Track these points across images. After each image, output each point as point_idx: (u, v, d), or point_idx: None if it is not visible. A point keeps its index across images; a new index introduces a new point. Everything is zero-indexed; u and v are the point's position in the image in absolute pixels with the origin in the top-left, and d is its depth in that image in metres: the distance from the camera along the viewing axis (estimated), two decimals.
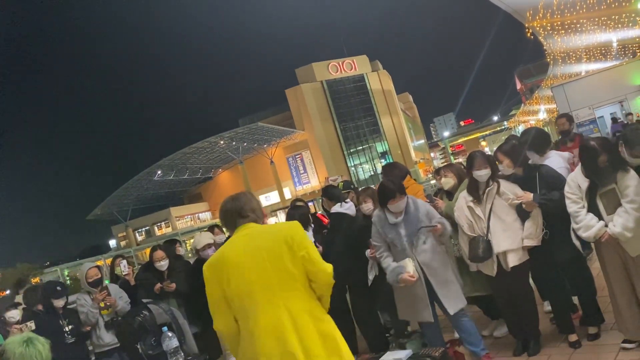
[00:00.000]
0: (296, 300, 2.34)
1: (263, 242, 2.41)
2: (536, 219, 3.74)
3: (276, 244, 2.38)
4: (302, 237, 2.42)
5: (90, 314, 4.54)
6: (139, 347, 3.77)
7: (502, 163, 3.99)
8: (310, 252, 2.37)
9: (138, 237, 56.90)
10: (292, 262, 2.35)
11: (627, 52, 19.13)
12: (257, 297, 2.34)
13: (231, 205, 2.55)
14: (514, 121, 62.90)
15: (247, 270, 2.37)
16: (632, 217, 3.26)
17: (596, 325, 3.83)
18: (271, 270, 2.34)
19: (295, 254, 2.35)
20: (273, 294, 2.33)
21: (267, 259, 2.36)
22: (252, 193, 2.73)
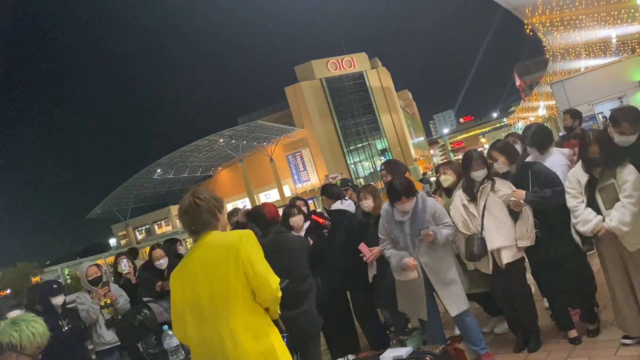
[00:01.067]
0: (238, 317, 2.30)
1: (214, 255, 2.38)
2: (526, 220, 3.75)
3: (224, 258, 2.34)
4: (249, 251, 2.34)
5: (91, 310, 4.56)
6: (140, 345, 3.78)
7: (498, 161, 3.99)
8: (255, 267, 2.31)
9: (138, 235, 56.95)
10: (236, 277, 2.31)
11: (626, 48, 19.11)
12: (203, 311, 2.33)
13: (183, 219, 2.51)
14: (514, 118, 62.92)
15: (199, 283, 2.36)
16: (628, 212, 3.27)
17: (594, 322, 3.83)
18: (217, 285, 2.32)
19: (239, 270, 2.30)
20: (217, 310, 2.31)
21: (214, 273, 2.33)
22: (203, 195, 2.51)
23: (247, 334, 2.28)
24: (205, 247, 2.42)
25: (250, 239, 2.40)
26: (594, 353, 3.58)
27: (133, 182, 50.66)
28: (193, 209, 2.47)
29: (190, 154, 49.94)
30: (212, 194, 2.55)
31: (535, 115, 47.25)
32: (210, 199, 2.50)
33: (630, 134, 3.46)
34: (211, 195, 2.53)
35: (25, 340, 2.34)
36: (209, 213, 2.47)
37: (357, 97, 58.99)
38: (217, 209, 2.50)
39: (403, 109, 69.41)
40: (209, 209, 2.47)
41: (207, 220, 2.46)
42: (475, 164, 3.88)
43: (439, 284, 3.78)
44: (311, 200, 26.74)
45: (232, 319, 2.28)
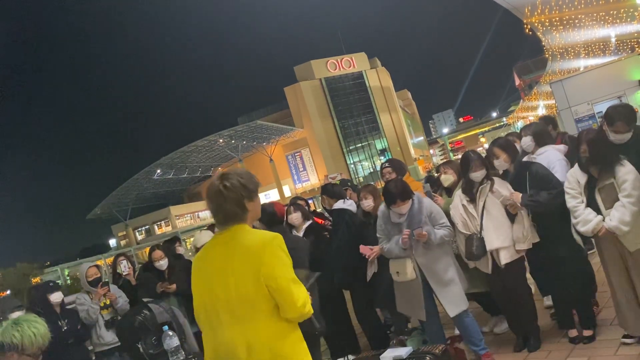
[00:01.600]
0: (257, 332, 2.07)
1: (234, 258, 2.14)
2: (522, 222, 3.75)
3: (244, 265, 2.10)
4: (273, 262, 2.09)
5: (91, 310, 4.56)
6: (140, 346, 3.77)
7: (499, 158, 3.98)
8: (279, 282, 2.07)
9: (138, 236, 56.92)
10: (256, 289, 2.07)
11: (625, 47, 19.12)
12: (220, 316, 2.13)
13: (208, 206, 2.25)
14: (513, 117, 62.93)
15: (215, 284, 2.16)
16: (628, 211, 3.27)
17: (590, 328, 3.80)
18: (235, 294, 2.09)
19: (260, 282, 2.06)
20: (234, 320, 2.10)
21: (232, 280, 2.11)
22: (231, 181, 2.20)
23: (263, 345, 2.07)
24: (228, 244, 2.18)
25: (275, 247, 2.12)
26: (594, 352, 3.57)
27: (133, 183, 50.69)
28: (217, 196, 2.19)
29: (190, 154, 49.98)
30: (244, 179, 2.22)
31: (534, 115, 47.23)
32: (239, 187, 2.19)
33: (624, 132, 3.48)
34: (242, 181, 2.21)
35: (27, 341, 2.34)
36: (235, 204, 2.18)
37: (357, 97, 59.03)
38: (246, 198, 2.20)
39: (402, 108, 69.44)
40: (235, 198, 2.18)
41: (233, 212, 2.19)
42: (474, 165, 3.88)
43: (437, 284, 3.78)
44: (311, 200, 26.74)
45: (251, 334, 2.07)
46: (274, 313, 2.10)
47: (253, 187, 2.25)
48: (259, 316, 2.08)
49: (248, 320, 2.08)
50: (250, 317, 2.08)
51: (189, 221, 57.45)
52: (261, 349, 2.06)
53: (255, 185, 2.26)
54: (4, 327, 2.39)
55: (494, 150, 4.02)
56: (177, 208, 58.55)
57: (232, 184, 2.19)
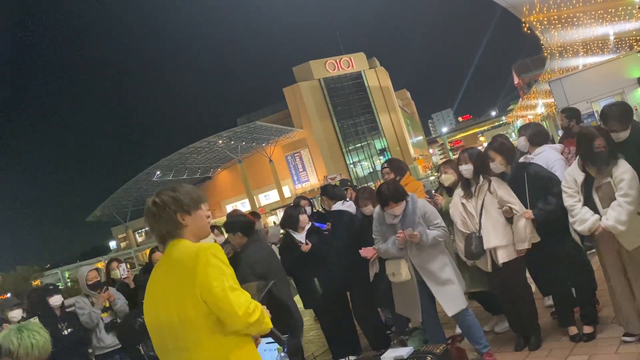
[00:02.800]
0: (201, 355, 1.95)
1: (171, 279, 2.01)
2: (518, 224, 3.74)
3: (180, 282, 1.97)
4: (207, 273, 1.92)
5: (93, 315, 4.56)
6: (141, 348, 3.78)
7: (495, 161, 3.99)
8: (214, 292, 1.90)
9: (138, 238, 56.95)
10: (195, 307, 1.93)
11: (624, 45, 19.11)
12: (167, 343, 2.03)
13: (149, 226, 2.12)
14: (512, 116, 62.93)
15: (159, 309, 2.04)
16: (625, 211, 3.27)
17: (592, 324, 3.81)
18: (176, 317, 1.96)
19: (196, 298, 1.92)
20: (179, 345, 1.98)
21: (172, 302, 1.98)
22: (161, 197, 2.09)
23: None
24: (166, 264, 2.06)
25: (209, 255, 1.96)
26: (594, 350, 3.57)
27: (132, 185, 50.69)
28: (149, 215, 2.10)
29: (189, 155, 49.96)
30: (178, 193, 2.09)
31: (534, 114, 47.26)
32: (170, 202, 2.06)
33: (620, 130, 3.48)
34: (175, 195, 2.08)
35: (22, 350, 2.34)
36: (165, 221, 2.06)
37: (356, 97, 59.02)
38: (180, 212, 2.07)
39: (402, 108, 69.46)
40: (166, 215, 2.06)
41: (165, 230, 2.07)
42: (461, 158, 3.96)
43: (433, 284, 3.78)
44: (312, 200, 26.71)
45: (191, 351, 1.96)
46: (218, 330, 1.96)
47: (189, 201, 2.09)
48: (202, 337, 1.95)
49: (192, 343, 1.95)
50: (193, 340, 1.95)
51: None
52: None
53: (192, 199, 2.10)
54: (7, 332, 2.40)
55: (489, 152, 4.03)
56: None
57: (161, 200, 2.07)
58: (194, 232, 2.11)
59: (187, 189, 2.14)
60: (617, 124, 3.49)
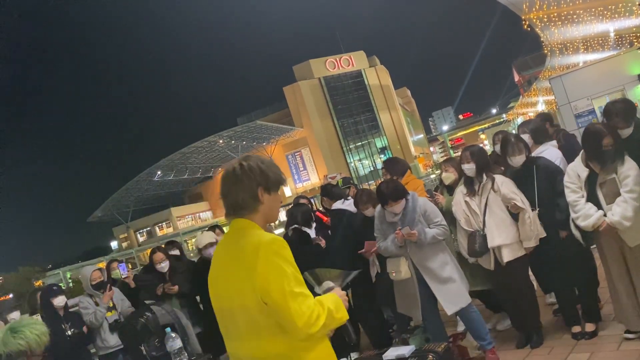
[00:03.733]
0: (262, 350, 1.80)
1: (232, 264, 1.85)
2: (526, 221, 3.74)
3: (240, 273, 1.79)
4: (267, 272, 1.74)
5: (98, 314, 4.57)
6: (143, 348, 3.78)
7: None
8: (274, 297, 1.72)
9: (139, 238, 56.99)
10: (256, 302, 1.76)
11: (624, 42, 19.09)
12: (228, 326, 1.90)
13: (222, 190, 1.92)
14: (513, 113, 62.85)
15: (220, 291, 1.91)
16: (630, 207, 3.26)
17: (594, 322, 3.81)
18: (237, 304, 1.81)
19: (257, 297, 1.75)
20: (239, 332, 1.84)
21: (234, 290, 1.82)
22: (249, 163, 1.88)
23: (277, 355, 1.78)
24: (228, 245, 1.91)
25: (271, 253, 1.76)
26: (596, 348, 3.58)
27: (133, 185, 50.75)
28: (229, 177, 1.88)
29: (190, 155, 50.01)
30: (265, 165, 1.90)
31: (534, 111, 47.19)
32: (256, 171, 1.86)
33: (623, 127, 3.48)
34: (262, 166, 1.88)
35: (34, 344, 2.39)
36: (244, 191, 1.85)
37: (356, 95, 59.03)
38: (262, 187, 1.87)
39: (402, 106, 69.44)
40: (248, 184, 1.85)
41: (241, 201, 1.86)
42: (464, 156, 3.98)
43: (433, 282, 3.78)
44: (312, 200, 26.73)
45: (252, 347, 1.81)
46: (281, 330, 1.76)
47: (274, 179, 1.90)
48: (262, 333, 1.78)
49: (252, 335, 1.80)
50: (254, 332, 1.79)
51: (190, 222, 57.51)
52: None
53: (277, 178, 1.92)
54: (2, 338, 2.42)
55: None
56: (178, 209, 58.61)
57: (249, 166, 1.87)
58: (265, 213, 1.92)
59: (274, 165, 1.96)
60: (621, 121, 3.48)
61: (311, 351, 1.80)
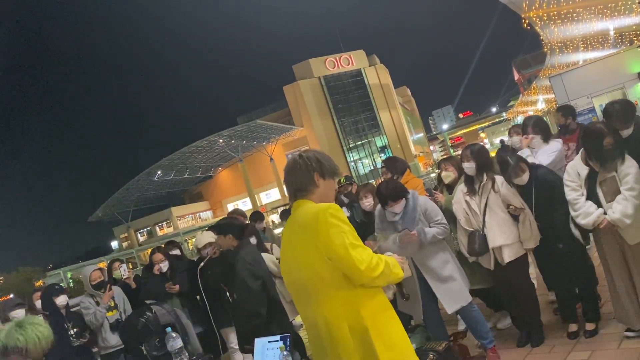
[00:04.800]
0: (331, 307, 2.08)
1: (297, 235, 2.18)
2: (526, 222, 3.75)
3: (306, 241, 2.12)
4: (328, 232, 2.05)
5: (99, 314, 4.57)
6: (144, 348, 3.78)
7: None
8: (337, 251, 2.03)
9: (140, 237, 57.01)
10: (320, 263, 2.07)
11: (624, 40, 19.07)
12: (300, 292, 2.22)
13: (285, 178, 2.29)
14: (513, 112, 62.81)
15: (291, 263, 2.24)
16: (631, 204, 3.27)
17: (594, 321, 3.81)
18: (305, 270, 2.14)
19: (322, 255, 2.06)
20: (311, 297, 2.14)
21: (300, 257, 2.16)
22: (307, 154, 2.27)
23: (339, 319, 2.06)
24: (293, 222, 2.23)
25: (328, 216, 2.07)
26: (597, 346, 3.58)
27: (134, 185, 50.74)
28: (291, 166, 2.27)
29: (190, 155, 50.01)
30: (320, 156, 2.28)
31: (534, 109, 47.18)
32: (312, 159, 2.24)
33: (623, 128, 3.49)
34: (318, 156, 2.27)
35: (31, 344, 2.35)
36: (303, 175, 2.22)
37: (356, 94, 59.03)
38: (317, 172, 2.23)
39: (402, 105, 69.43)
40: (305, 170, 2.22)
41: (300, 185, 2.22)
42: (464, 155, 3.97)
43: (433, 281, 3.78)
44: None
45: (323, 305, 2.09)
46: (345, 284, 2.07)
47: (328, 167, 2.26)
48: (330, 291, 2.08)
49: (322, 297, 2.09)
50: (323, 293, 2.09)
51: (191, 222, 57.55)
52: (338, 324, 2.06)
53: (331, 167, 2.28)
54: (8, 330, 2.40)
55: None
56: (179, 209, 58.65)
57: (307, 156, 2.25)
58: (321, 196, 2.24)
59: (329, 158, 2.33)
60: (620, 122, 3.48)
61: (372, 299, 2.12)
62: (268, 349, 2.74)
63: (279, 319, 3.84)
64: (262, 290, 3.78)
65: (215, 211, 60.30)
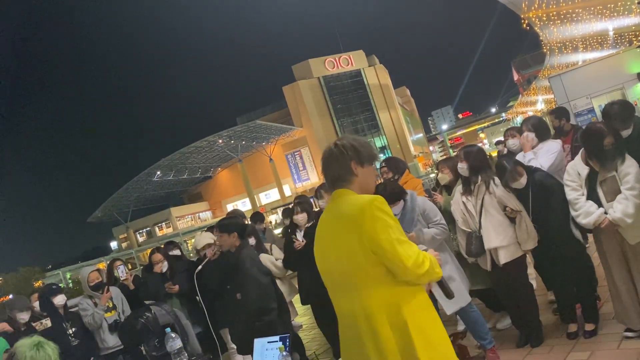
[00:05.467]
0: (373, 300, 2.01)
1: (339, 226, 2.10)
2: (522, 224, 3.75)
3: (349, 232, 2.04)
4: (373, 227, 1.98)
5: (97, 316, 4.56)
6: (143, 348, 3.77)
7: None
8: (382, 245, 1.97)
9: (139, 238, 56.95)
10: (364, 256, 2.00)
11: (623, 40, 19.08)
12: (339, 286, 2.14)
13: (322, 167, 2.23)
14: (512, 112, 62.87)
15: (329, 254, 2.16)
16: (631, 204, 3.27)
17: (593, 321, 3.80)
18: (347, 263, 2.06)
19: (366, 248, 2.00)
20: (351, 289, 2.07)
21: (341, 247, 2.08)
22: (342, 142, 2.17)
23: (380, 313, 2.00)
24: (334, 211, 2.15)
25: (374, 209, 2.00)
26: (596, 347, 3.57)
27: (133, 185, 50.69)
28: (327, 156, 2.18)
29: (189, 155, 49.98)
30: (357, 143, 2.17)
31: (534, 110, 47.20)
32: (349, 148, 2.15)
33: (622, 129, 3.50)
34: (354, 144, 2.16)
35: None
36: (340, 166, 2.14)
37: (355, 95, 59.04)
38: (355, 161, 2.14)
39: (401, 105, 69.44)
40: (343, 159, 2.14)
41: (338, 175, 2.15)
42: (458, 157, 4.00)
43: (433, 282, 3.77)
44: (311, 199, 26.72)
45: (364, 297, 2.02)
46: (388, 279, 2.01)
47: (366, 154, 2.17)
48: (372, 283, 2.01)
49: (363, 288, 2.02)
50: (364, 285, 2.02)
51: (190, 222, 57.50)
52: (379, 317, 1.99)
53: (369, 153, 2.18)
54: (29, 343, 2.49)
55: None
56: (178, 209, 58.59)
57: (343, 144, 2.16)
58: (360, 184, 2.17)
59: (366, 143, 2.22)
60: (619, 123, 3.49)
61: (414, 296, 2.05)
62: (267, 350, 2.74)
63: (284, 318, 3.84)
64: (273, 285, 3.80)
65: (214, 211, 60.28)
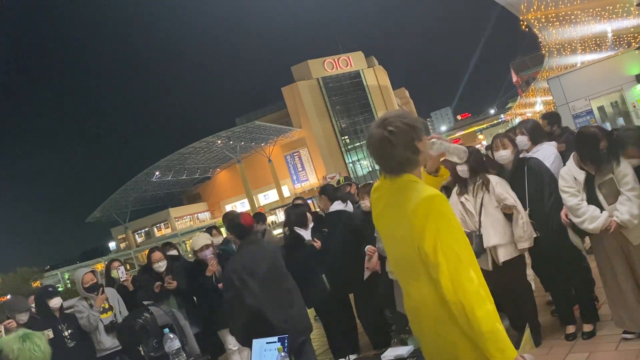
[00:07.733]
0: (422, 295, 1.92)
1: (396, 216, 1.96)
2: (519, 221, 3.73)
3: (403, 225, 1.92)
4: (424, 225, 1.83)
5: (92, 318, 4.54)
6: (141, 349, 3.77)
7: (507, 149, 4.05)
8: (425, 249, 1.83)
9: (138, 238, 56.89)
10: (415, 252, 1.88)
11: (622, 42, 19.12)
12: (400, 270, 2.08)
13: (374, 157, 2.01)
14: (511, 114, 62.96)
15: (389, 238, 2.08)
16: (635, 204, 3.26)
17: (591, 322, 3.80)
18: (401, 252, 1.98)
19: (414, 243, 1.87)
20: (407, 277, 2.00)
21: (398, 237, 1.97)
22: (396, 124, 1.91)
23: (429, 312, 1.90)
24: (394, 194, 1.98)
25: (430, 209, 1.84)
26: (595, 348, 3.57)
27: (132, 185, 50.66)
28: (383, 145, 1.92)
29: (188, 156, 49.95)
30: (408, 119, 1.94)
31: (532, 111, 47.30)
32: (407, 130, 1.91)
33: (638, 156, 3.41)
34: (406, 121, 1.93)
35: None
36: (406, 148, 1.91)
37: (354, 96, 59.07)
38: (416, 140, 1.92)
39: (400, 107, 69.40)
40: (405, 142, 1.90)
41: (404, 159, 1.92)
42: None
43: None
44: (310, 200, 26.74)
45: (417, 291, 1.94)
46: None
47: (420, 126, 1.97)
48: (423, 279, 1.89)
49: (415, 281, 1.93)
50: (415, 278, 1.92)
51: (189, 223, 57.45)
52: (427, 314, 1.92)
53: (422, 124, 1.98)
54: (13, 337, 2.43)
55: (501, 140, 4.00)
56: (177, 210, 58.54)
57: (397, 127, 1.91)
58: (424, 158, 2.02)
59: (412, 115, 2.03)
60: (635, 150, 3.43)
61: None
62: (266, 350, 2.74)
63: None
64: None
65: (213, 212, 60.23)
